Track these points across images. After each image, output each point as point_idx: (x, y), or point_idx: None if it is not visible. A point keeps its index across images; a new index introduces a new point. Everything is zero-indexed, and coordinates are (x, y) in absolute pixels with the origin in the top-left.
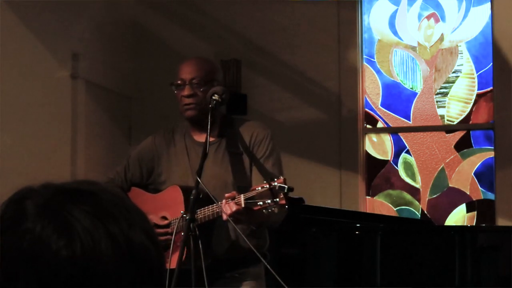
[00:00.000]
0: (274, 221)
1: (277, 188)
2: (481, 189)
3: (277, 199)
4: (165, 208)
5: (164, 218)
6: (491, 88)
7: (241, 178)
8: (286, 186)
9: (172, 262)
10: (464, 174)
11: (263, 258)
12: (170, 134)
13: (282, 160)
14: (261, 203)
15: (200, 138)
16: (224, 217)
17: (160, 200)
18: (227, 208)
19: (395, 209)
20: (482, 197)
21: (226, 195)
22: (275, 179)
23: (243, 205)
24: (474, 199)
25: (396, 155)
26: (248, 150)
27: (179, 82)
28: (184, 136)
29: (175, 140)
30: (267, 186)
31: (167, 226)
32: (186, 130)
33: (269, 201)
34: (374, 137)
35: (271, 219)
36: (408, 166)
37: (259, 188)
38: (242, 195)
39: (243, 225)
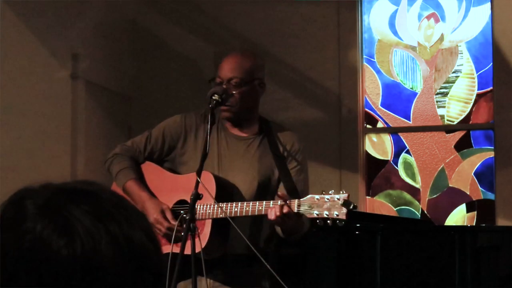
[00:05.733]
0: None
1: (341, 202)
2: (481, 189)
3: (338, 213)
4: (189, 191)
5: (183, 201)
6: (491, 88)
7: (289, 182)
8: (352, 203)
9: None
10: (464, 174)
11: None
12: (202, 118)
13: None
14: (317, 212)
15: (234, 131)
16: (273, 217)
17: (184, 182)
18: (277, 208)
19: (395, 209)
20: (482, 197)
21: (279, 193)
22: (340, 193)
23: (295, 210)
24: (474, 199)
25: (396, 155)
26: (289, 157)
27: (217, 80)
28: (217, 124)
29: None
30: (332, 198)
31: (176, 215)
32: (219, 118)
33: (327, 212)
34: (374, 137)
35: (304, 229)
36: (408, 166)
37: (318, 197)
38: (296, 200)
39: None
